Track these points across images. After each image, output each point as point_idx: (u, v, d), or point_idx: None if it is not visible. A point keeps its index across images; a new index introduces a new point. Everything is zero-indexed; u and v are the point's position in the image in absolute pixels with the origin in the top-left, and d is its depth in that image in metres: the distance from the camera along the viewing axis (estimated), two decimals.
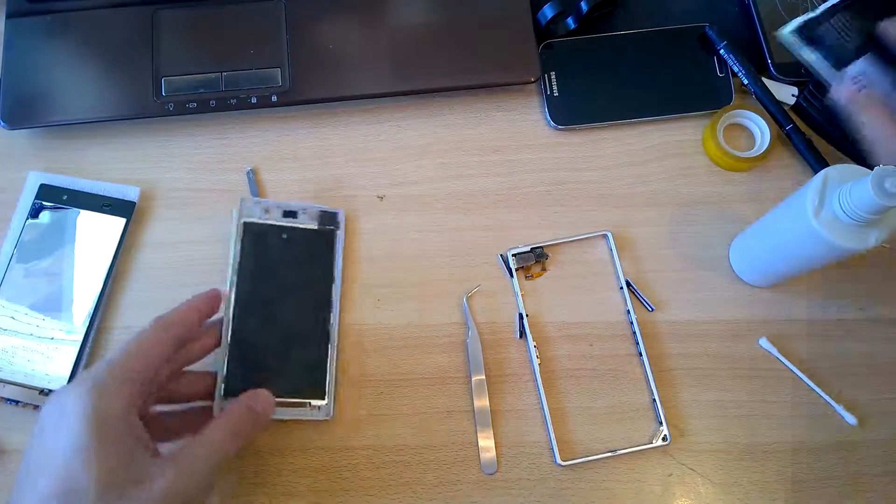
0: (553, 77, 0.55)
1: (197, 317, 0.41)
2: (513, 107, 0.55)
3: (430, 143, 0.54)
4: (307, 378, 0.46)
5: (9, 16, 0.54)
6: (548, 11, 0.54)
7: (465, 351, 0.49)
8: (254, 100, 0.52)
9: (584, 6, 0.54)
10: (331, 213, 0.50)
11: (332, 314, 0.48)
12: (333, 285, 0.49)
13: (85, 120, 0.52)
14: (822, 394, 0.48)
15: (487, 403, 0.48)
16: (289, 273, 0.48)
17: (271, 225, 0.49)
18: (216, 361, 0.45)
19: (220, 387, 0.44)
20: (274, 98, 0.52)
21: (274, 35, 0.53)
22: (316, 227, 0.50)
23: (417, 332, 0.49)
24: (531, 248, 0.51)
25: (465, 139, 0.54)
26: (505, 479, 0.46)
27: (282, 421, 0.46)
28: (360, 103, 0.55)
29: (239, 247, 0.48)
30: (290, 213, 0.50)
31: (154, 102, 0.52)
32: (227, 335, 0.46)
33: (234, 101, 0.52)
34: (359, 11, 0.54)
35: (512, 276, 0.50)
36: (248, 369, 0.45)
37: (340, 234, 0.50)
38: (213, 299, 0.43)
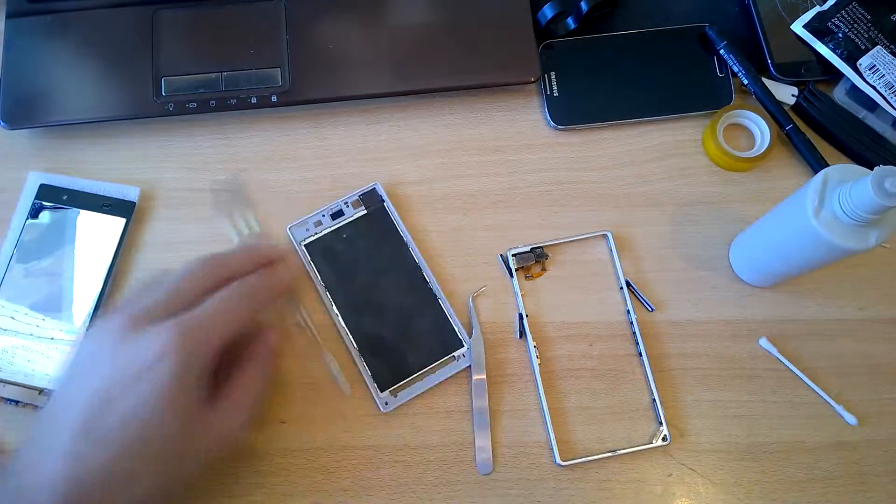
0: (553, 77, 0.55)
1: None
2: (513, 107, 0.55)
3: (430, 143, 0.54)
4: (440, 337, 0.49)
5: (9, 16, 0.54)
6: (548, 11, 0.54)
7: (467, 350, 0.49)
8: (254, 100, 0.52)
9: (584, 6, 0.54)
10: (369, 191, 0.51)
11: (426, 273, 0.50)
12: (410, 249, 0.50)
13: (85, 120, 0.52)
14: (822, 394, 0.48)
15: (486, 403, 0.48)
16: (369, 263, 0.50)
17: (327, 234, 0.50)
18: (359, 367, 0.48)
19: (374, 386, 0.47)
20: (274, 98, 0.52)
21: (274, 35, 0.53)
22: (365, 212, 0.51)
23: None
24: (531, 248, 0.51)
25: (465, 139, 0.54)
26: (505, 479, 0.46)
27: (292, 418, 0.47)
28: (360, 103, 0.55)
29: (314, 267, 0.50)
30: (336, 214, 0.51)
31: (154, 102, 0.52)
32: (353, 343, 0.48)
33: (234, 101, 0.52)
34: (359, 11, 0.54)
35: (512, 276, 0.50)
36: (388, 361, 0.48)
37: (388, 204, 0.51)
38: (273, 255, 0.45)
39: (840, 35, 0.54)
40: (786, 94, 0.54)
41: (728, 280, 0.51)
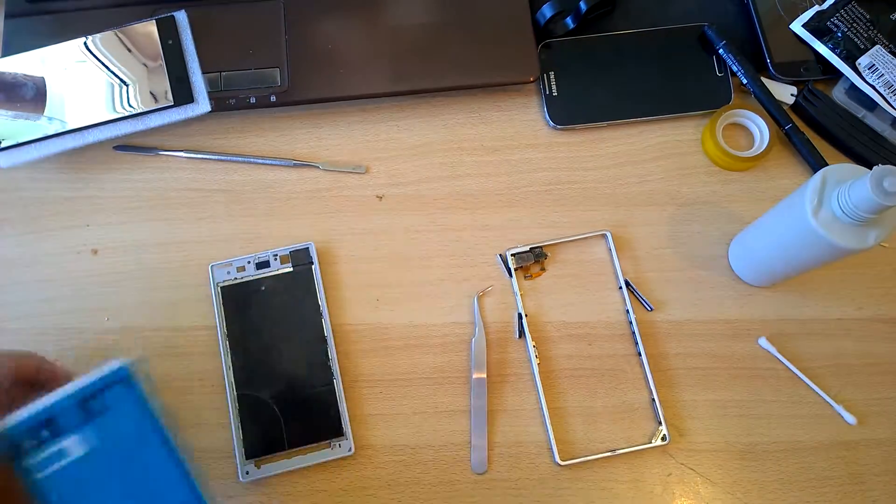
0: (552, 77, 0.55)
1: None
2: (512, 106, 0.55)
3: (430, 143, 0.54)
4: (323, 419, 0.46)
5: (9, 16, 0.54)
6: (547, 11, 0.54)
7: (467, 350, 0.49)
8: (253, 100, 0.52)
9: (582, 6, 0.54)
10: (302, 249, 0.49)
11: (329, 349, 0.48)
12: (323, 320, 0.48)
13: None
14: (822, 393, 0.48)
15: (485, 403, 0.48)
16: (277, 322, 0.48)
17: (247, 281, 0.49)
18: (230, 426, 0.46)
19: (241, 451, 0.45)
20: (273, 98, 0.52)
21: (273, 35, 0.53)
22: (291, 269, 0.49)
23: (417, 332, 0.49)
24: (530, 248, 0.51)
25: (465, 139, 0.54)
26: (504, 479, 0.46)
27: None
28: (359, 103, 0.55)
29: (222, 311, 0.48)
30: (262, 264, 0.49)
31: None
32: (234, 400, 0.46)
33: (233, 101, 0.52)
34: (358, 11, 0.54)
35: (511, 276, 0.50)
36: (263, 427, 0.46)
37: (316, 267, 0.49)
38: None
39: (839, 34, 0.53)
40: (785, 93, 0.54)
41: (727, 280, 0.51)
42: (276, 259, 0.49)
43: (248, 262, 0.49)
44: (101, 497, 0.33)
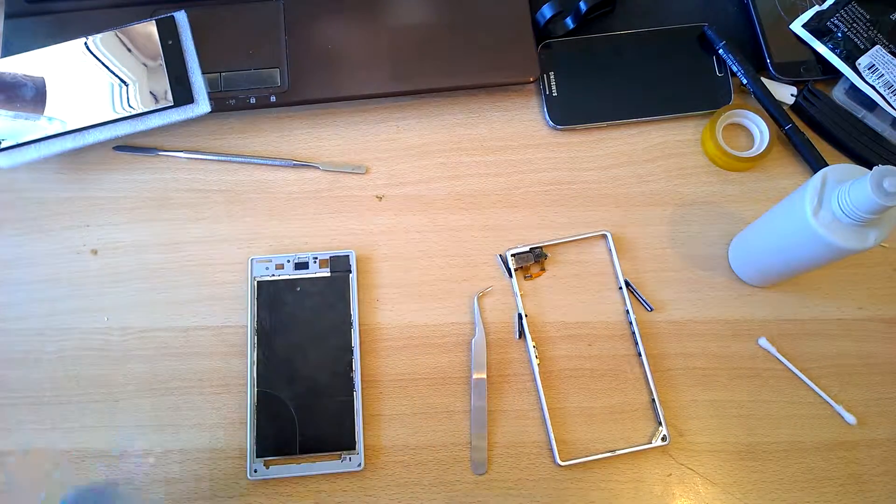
0: (552, 77, 0.55)
1: None
2: (512, 107, 0.55)
3: (430, 143, 0.54)
4: (337, 429, 0.46)
5: (8, 16, 0.54)
6: (547, 11, 0.54)
7: (467, 350, 0.49)
8: (252, 100, 0.52)
9: (582, 6, 0.54)
10: (342, 256, 0.49)
11: (354, 360, 0.47)
12: (352, 330, 0.48)
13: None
14: (822, 393, 0.48)
15: (485, 403, 0.48)
16: (307, 325, 0.48)
17: (284, 280, 0.49)
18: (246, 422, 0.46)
19: (253, 449, 0.46)
20: (272, 98, 0.52)
21: (272, 35, 0.53)
22: (328, 275, 0.49)
23: (417, 332, 0.49)
24: (530, 249, 0.51)
25: (465, 139, 0.54)
26: (504, 480, 0.46)
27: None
28: (359, 103, 0.55)
29: (255, 306, 0.48)
30: (301, 265, 0.49)
31: None
32: (253, 395, 0.46)
33: (233, 101, 0.52)
34: (358, 12, 0.54)
35: (511, 276, 0.50)
36: (277, 429, 0.46)
37: (353, 276, 0.49)
38: None
39: (839, 34, 0.53)
40: (785, 93, 0.54)
41: (727, 280, 0.51)
42: (315, 262, 0.49)
43: (288, 261, 0.49)
44: None
